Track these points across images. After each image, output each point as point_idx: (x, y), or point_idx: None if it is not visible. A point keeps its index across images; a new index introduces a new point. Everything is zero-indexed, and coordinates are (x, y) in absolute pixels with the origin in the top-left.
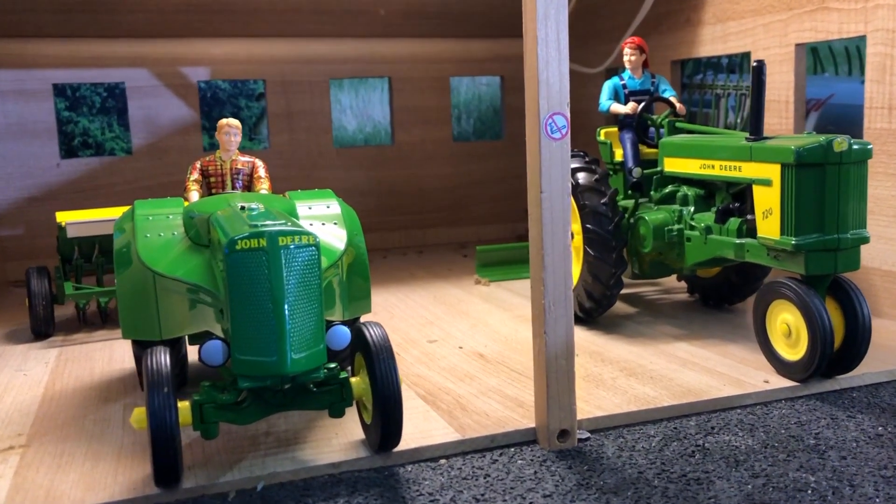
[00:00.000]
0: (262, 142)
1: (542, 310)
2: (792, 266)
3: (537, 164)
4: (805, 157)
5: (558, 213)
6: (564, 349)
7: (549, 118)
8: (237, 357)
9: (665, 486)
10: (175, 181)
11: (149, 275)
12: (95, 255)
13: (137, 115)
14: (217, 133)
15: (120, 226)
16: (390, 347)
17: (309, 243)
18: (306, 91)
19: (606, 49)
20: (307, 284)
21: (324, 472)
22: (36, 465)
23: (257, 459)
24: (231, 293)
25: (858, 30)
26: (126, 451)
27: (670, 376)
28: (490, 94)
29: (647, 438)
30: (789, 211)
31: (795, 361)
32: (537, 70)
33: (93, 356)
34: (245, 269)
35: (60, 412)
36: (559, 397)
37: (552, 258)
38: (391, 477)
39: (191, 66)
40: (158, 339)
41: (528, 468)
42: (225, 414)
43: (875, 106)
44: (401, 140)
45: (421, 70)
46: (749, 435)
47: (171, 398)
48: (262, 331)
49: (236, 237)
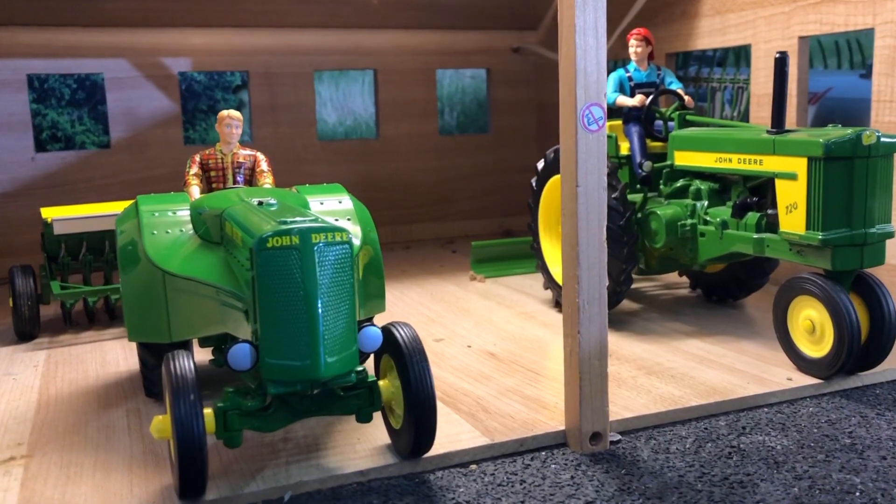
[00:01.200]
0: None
1: (575, 308)
2: (817, 261)
3: (573, 158)
4: (834, 151)
5: (594, 207)
6: (598, 350)
7: (586, 109)
8: (267, 361)
9: (709, 490)
10: (156, 176)
11: (158, 274)
12: (83, 252)
13: (116, 107)
14: (217, 125)
15: (122, 222)
16: (423, 349)
17: (342, 240)
18: (290, 83)
19: None
20: (340, 284)
21: (352, 481)
22: (43, 476)
23: (279, 468)
24: (260, 294)
25: (867, 22)
26: (137, 461)
27: (691, 374)
28: (474, 87)
29: (679, 440)
30: (816, 205)
31: (819, 358)
32: (575, 59)
33: (84, 358)
34: (276, 268)
35: (60, 419)
36: (592, 399)
37: (587, 255)
38: (423, 484)
39: (171, 57)
40: (168, 341)
41: (564, 473)
42: (250, 421)
43: (883, 99)
44: (386, 133)
45: (407, 62)
46: (782, 434)
47: (198, 406)
48: (295, 333)
49: (266, 235)
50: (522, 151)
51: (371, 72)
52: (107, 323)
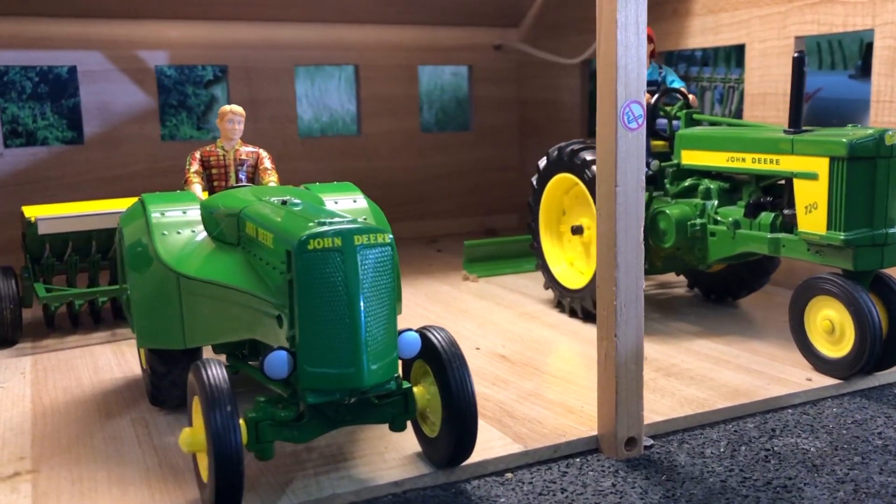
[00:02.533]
0: (211, 131)
1: (613, 311)
2: (837, 261)
3: (612, 157)
4: (858, 151)
5: (633, 207)
6: (634, 353)
7: (626, 107)
8: (306, 369)
9: (755, 496)
10: (131, 173)
11: (171, 277)
12: (68, 253)
13: (90, 101)
14: (219, 121)
15: (128, 222)
16: (462, 354)
17: (384, 242)
18: (270, 78)
19: (581, 40)
20: (382, 287)
21: (387, 492)
22: (55, 493)
23: (308, 479)
24: (300, 299)
25: (866, 23)
26: (154, 474)
27: (710, 376)
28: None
29: (712, 443)
30: (838, 205)
31: (839, 359)
32: (616, 55)
33: (74, 364)
34: (317, 271)
35: (61, 430)
36: (628, 404)
37: (625, 256)
38: (461, 495)
39: (148, 50)
40: (181, 347)
41: (604, 480)
42: (282, 432)
43: (882, 99)
44: (368, 130)
45: (388, 58)
46: (813, 436)
47: (236, 417)
48: (337, 340)
49: (306, 236)
50: (504, 150)
51: (348, 68)
52: (91, 327)
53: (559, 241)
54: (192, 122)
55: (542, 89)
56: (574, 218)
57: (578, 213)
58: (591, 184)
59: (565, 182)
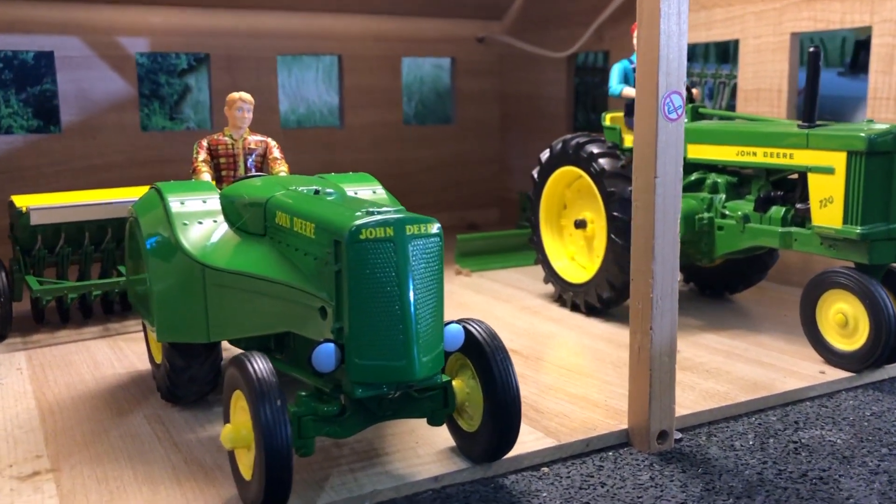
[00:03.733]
0: (185, 121)
1: (648, 304)
2: (852, 255)
3: (653, 147)
4: (877, 146)
5: (671, 199)
6: (668, 346)
7: (667, 97)
8: (356, 362)
9: (795, 488)
10: (110, 163)
11: (196, 269)
12: (60, 245)
13: (68, 88)
14: (227, 109)
15: (145, 212)
16: (504, 347)
17: (433, 233)
18: (252, 67)
19: (568, 34)
20: (431, 278)
21: (426, 487)
22: (81, 492)
23: (345, 476)
24: (351, 290)
25: (864, 20)
26: (182, 472)
27: (725, 369)
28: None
29: (739, 436)
30: (855, 199)
31: (852, 351)
32: (658, 45)
33: (71, 360)
34: (369, 262)
35: (73, 428)
36: (661, 397)
37: (662, 248)
38: (501, 490)
39: (128, 37)
40: (206, 341)
41: (642, 474)
42: (325, 427)
43: (880, 97)
44: (350, 122)
45: (372, 48)
46: (836, 428)
47: (285, 412)
48: (389, 332)
49: (358, 226)
50: (485, 143)
51: (325, 59)
52: (81, 321)
53: (559, 236)
54: (164, 113)
55: (525, 83)
56: (576, 212)
57: (581, 207)
58: (598, 177)
59: (568, 175)
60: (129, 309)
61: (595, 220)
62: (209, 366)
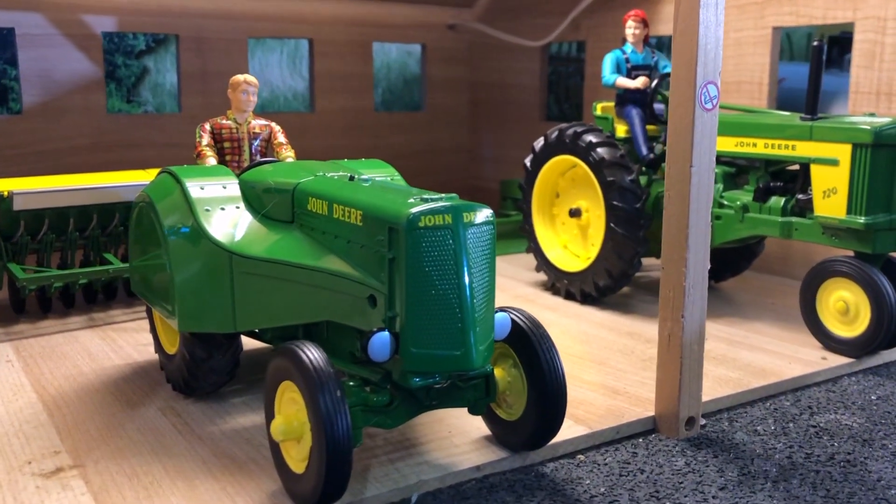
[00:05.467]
0: (143, 104)
1: (681, 292)
2: (853, 245)
3: (689, 137)
4: (882, 138)
5: (705, 188)
6: (698, 334)
7: (704, 87)
8: (412, 351)
9: (827, 471)
10: (75, 146)
11: (222, 256)
12: (44, 231)
13: (29, 67)
14: (231, 91)
15: (161, 198)
16: (549, 335)
17: (488, 220)
18: (223, 49)
19: (543, 23)
20: (486, 266)
21: (468, 477)
22: (114, 488)
23: (386, 467)
24: (409, 278)
25: (846, 16)
26: (214, 466)
27: (731, 356)
28: (400, 63)
29: (759, 421)
30: (860, 190)
31: (853, 338)
32: (697, 34)
33: (63, 351)
34: (427, 249)
35: (85, 422)
36: (690, 384)
37: (696, 237)
38: (544, 478)
39: (94, 15)
40: (231, 331)
41: (677, 460)
42: (373, 417)
43: (861, 91)
44: (321, 108)
45: (343, 33)
46: (849, 412)
47: (345, 401)
48: (447, 321)
49: (418, 213)
50: (456, 131)
51: (290, 43)
52: (62, 311)
53: (552, 224)
54: (121, 95)
55: (496, 72)
56: (570, 200)
57: (575, 196)
58: (596, 166)
59: (562, 164)
60: (114, 298)
61: (590, 209)
62: (230, 356)
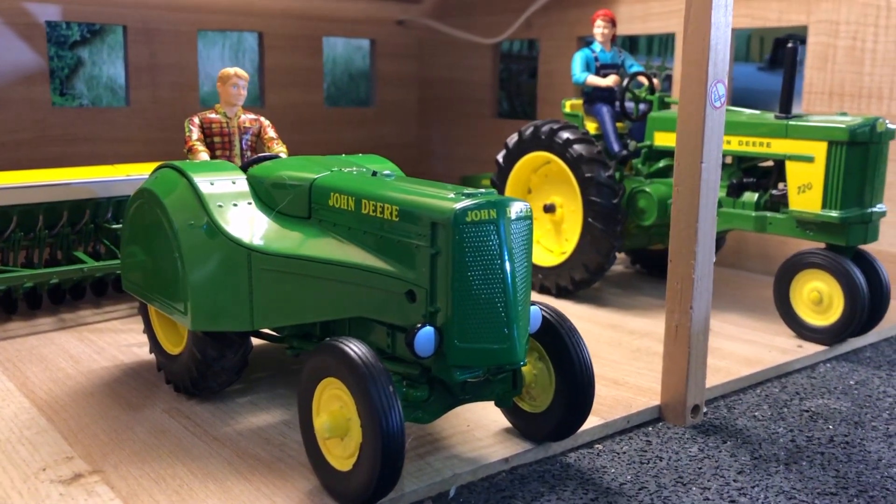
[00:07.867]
0: (77, 98)
1: (689, 284)
2: (827, 238)
3: (699, 134)
4: (857, 136)
5: (712, 183)
6: (704, 324)
7: (713, 86)
8: (457, 346)
9: (832, 453)
10: (17, 140)
11: (239, 253)
12: (11, 229)
13: None
14: (221, 84)
15: (167, 193)
16: (575, 327)
17: (528, 215)
18: (171, 41)
19: (496, 21)
20: (525, 260)
21: (498, 469)
22: (144, 493)
23: (417, 462)
24: (455, 272)
25: (800, 20)
26: (241, 467)
27: (714, 346)
28: (346, 58)
29: (755, 407)
30: (834, 186)
31: (826, 326)
32: (709, 35)
33: (41, 354)
34: (473, 244)
35: (89, 426)
36: (696, 374)
37: (704, 231)
38: (570, 468)
39: (38, 3)
40: (248, 329)
41: (690, 447)
42: (411, 413)
43: (815, 91)
44: (271, 102)
45: (293, 26)
46: (834, 397)
47: (397, 395)
48: (492, 315)
49: (464, 208)
50: (405, 127)
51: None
52: (27, 312)
53: None
54: (54, 87)
55: (446, 68)
56: (542, 196)
57: (548, 192)
58: (574, 163)
59: (536, 161)
60: (82, 298)
61: (564, 205)
62: (241, 355)
